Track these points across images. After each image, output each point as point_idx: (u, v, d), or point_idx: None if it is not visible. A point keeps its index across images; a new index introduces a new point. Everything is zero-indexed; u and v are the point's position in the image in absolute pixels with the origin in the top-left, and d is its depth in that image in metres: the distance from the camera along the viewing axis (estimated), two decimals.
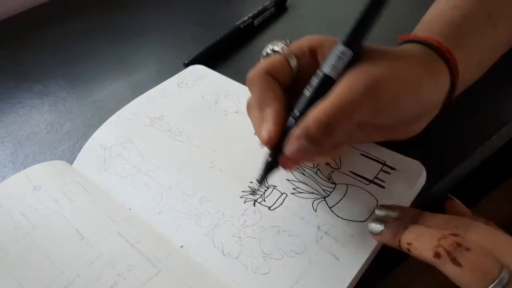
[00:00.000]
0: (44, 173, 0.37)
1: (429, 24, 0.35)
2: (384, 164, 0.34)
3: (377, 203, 0.31)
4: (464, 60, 0.33)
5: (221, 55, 0.50)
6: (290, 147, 0.29)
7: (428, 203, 0.35)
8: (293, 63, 0.32)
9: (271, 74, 0.31)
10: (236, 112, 0.41)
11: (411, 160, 0.33)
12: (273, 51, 0.32)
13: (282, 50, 0.32)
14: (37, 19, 0.60)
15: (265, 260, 0.30)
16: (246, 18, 0.52)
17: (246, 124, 0.39)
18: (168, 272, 0.30)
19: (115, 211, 0.34)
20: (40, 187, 0.36)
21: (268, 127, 0.29)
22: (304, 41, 0.32)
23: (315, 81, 0.29)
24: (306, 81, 0.30)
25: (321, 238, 0.31)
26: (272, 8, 0.54)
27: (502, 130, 0.37)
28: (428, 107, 0.32)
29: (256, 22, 0.52)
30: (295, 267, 0.29)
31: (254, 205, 0.33)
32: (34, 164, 0.40)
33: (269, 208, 0.33)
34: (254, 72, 0.31)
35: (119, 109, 0.43)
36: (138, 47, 0.53)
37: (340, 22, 0.50)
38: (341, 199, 0.32)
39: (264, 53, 0.33)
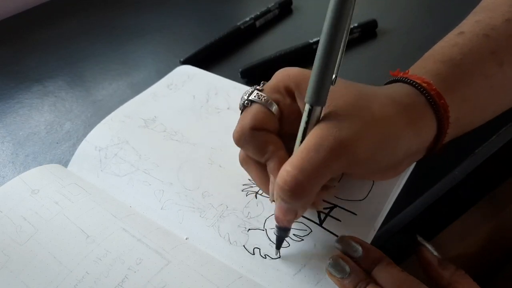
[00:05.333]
0: (40, 177, 0.38)
1: (425, 61, 0.33)
2: None
3: (373, 182, 0.33)
4: (459, 102, 0.31)
5: (221, 56, 0.50)
6: (275, 208, 0.29)
7: (428, 203, 0.35)
8: (274, 109, 0.31)
9: (258, 129, 0.30)
10: (228, 108, 0.43)
11: None
12: (250, 101, 0.31)
13: (259, 98, 0.31)
14: (36, 19, 0.61)
15: (272, 247, 0.32)
16: (248, 19, 0.52)
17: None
18: (177, 263, 0.31)
19: (117, 208, 0.36)
20: (39, 191, 0.36)
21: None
22: (279, 82, 0.31)
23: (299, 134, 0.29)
24: (289, 121, 0.31)
25: (323, 220, 0.32)
26: (276, 10, 0.55)
27: (502, 130, 0.37)
28: (408, 155, 0.30)
29: (258, 23, 0.53)
30: (302, 251, 0.31)
31: (256, 198, 0.35)
32: (34, 164, 0.41)
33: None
34: (241, 132, 0.30)
35: (118, 108, 0.44)
36: (138, 47, 0.54)
37: None
38: (338, 181, 0.34)
39: (241, 105, 0.32)
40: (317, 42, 0.48)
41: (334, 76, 0.27)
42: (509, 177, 0.47)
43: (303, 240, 0.32)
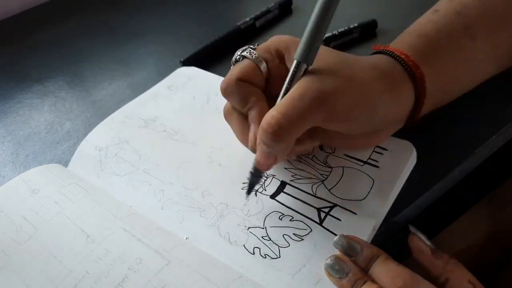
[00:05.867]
0: (41, 177, 0.38)
1: (403, 37, 0.35)
2: (376, 145, 0.36)
3: (373, 182, 0.34)
4: (436, 74, 0.33)
5: (221, 56, 0.50)
6: (257, 153, 0.31)
7: (428, 203, 0.35)
8: (263, 66, 0.33)
9: (244, 80, 0.32)
10: None
11: (401, 140, 0.36)
12: (242, 56, 0.33)
13: (250, 54, 0.33)
14: (36, 19, 0.61)
15: (271, 246, 0.32)
16: (248, 19, 0.52)
17: None
18: (177, 262, 0.31)
19: (117, 208, 0.36)
20: (39, 191, 0.36)
21: (256, 129, 0.31)
22: (272, 44, 0.33)
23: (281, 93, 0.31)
24: (277, 84, 0.32)
25: (323, 219, 0.32)
26: (276, 11, 0.55)
27: (502, 130, 0.37)
28: (386, 122, 0.32)
29: (258, 23, 0.53)
30: (302, 251, 0.31)
31: (256, 195, 0.35)
32: (34, 164, 0.41)
33: (270, 196, 0.35)
34: (227, 81, 0.33)
35: (119, 109, 0.44)
36: (137, 47, 0.54)
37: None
38: (339, 181, 0.34)
39: (234, 60, 0.34)
40: None
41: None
42: (509, 177, 0.47)
43: (303, 239, 0.32)
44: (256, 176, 0.33)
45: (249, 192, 0.34)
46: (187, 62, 0.49)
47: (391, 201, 0.33)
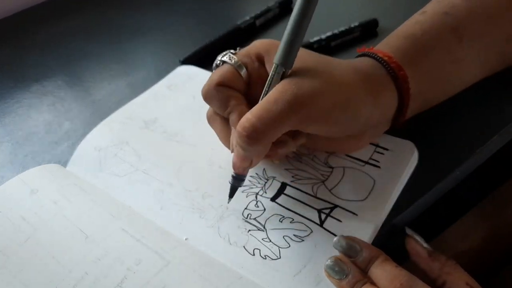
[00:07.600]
0: (39, 177, 0.38)
1: (388, 38, 0.35)
2: (377, 145, 0.36)
3: (375, 182, 0.33)
4: (421, 75, 0.33)
5: None
6: (233, 155, 0.32)
7: (429, 204, 0.35)
8: (243, 71, 0.33)
9: (224, 85, 0.33)
10: None
11: (402, 140, 0.36)
12: (222, 61, 0.33)
13: (230, 59, 0.33)
14: (35, 19, 0.61)
15: (272, 247, 0.32)
16: (248, 18, 0.52)
17: None
18: (177, 263, 0.31)
19: (116, 209, 0.36)
20: (38, 191, 0.36)
21: None
22: (252, 48, 0.34)
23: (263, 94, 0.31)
24: (258, 88, 0.32)
25: (324, 220, 0.32)
26: (276, 9, 0.55)
27: (503, 129, 0.37)
28: (369, 124, 0.32)
29: (258, 22, 0.53)
30: (302, 252, 0.31)
31: (256, 198, 0.35)
32: (33, 164, 0.41)
33: (270, 199, 0.35)
34: (207, 87, 0.33)
35: (118, 108, 0.44)
36: (137, 46, 0.54)
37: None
38: (339, 181, 0.34)
39: (214, 65, 0.34)
40: (317, 41, 0.48)
41: None
42: (510, 176, 0.47)
43: (303, 240, 0.31)
44: (237, 180, 0.33)
45: (231, 195, 0.33)
46: (186, 62, 0.49)
47: (392, 201, 0.33)
